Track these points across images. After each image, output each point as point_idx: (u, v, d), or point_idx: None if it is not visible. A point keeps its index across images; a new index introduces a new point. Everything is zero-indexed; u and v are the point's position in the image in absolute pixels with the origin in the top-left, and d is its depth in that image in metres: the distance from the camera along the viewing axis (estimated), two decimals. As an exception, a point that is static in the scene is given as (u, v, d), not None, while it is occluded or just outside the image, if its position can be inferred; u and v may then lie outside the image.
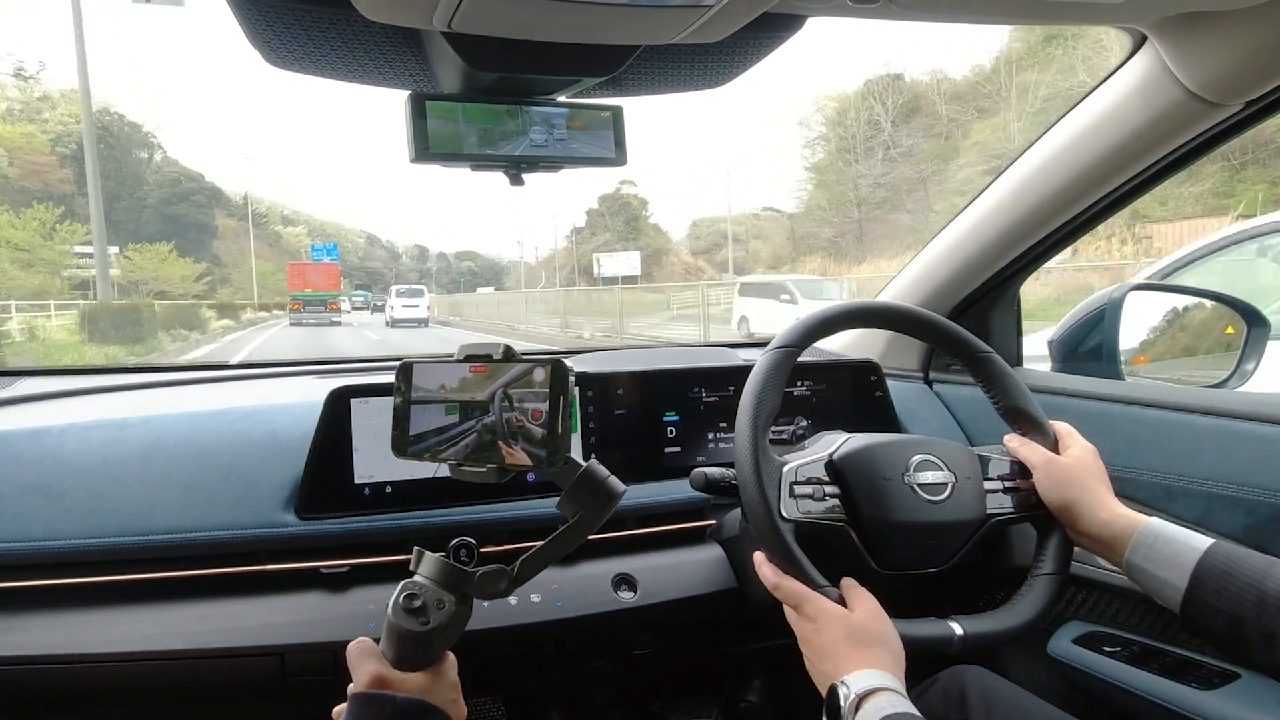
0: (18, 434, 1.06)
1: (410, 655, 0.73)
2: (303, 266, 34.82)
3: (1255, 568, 0.77)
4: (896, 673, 0.77)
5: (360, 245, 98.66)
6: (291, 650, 0.96)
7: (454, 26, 0.74)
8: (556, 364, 0.71)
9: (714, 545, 1.17)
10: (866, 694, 0.74)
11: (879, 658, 0.78)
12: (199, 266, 44.05)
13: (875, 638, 0.80)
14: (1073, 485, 0.90)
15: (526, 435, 0.71)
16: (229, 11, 0.76)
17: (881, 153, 29.93)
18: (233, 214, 64.50)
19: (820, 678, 0.81)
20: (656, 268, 45.86)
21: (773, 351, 0.93)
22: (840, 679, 0.76)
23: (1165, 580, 0.81)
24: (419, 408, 0.76)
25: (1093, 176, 1.18)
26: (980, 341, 1.01)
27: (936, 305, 1.45)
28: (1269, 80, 0.98)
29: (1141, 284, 1.33)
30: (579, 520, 0.76)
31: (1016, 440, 0.97)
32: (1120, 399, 1.21)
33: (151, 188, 57.44)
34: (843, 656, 0.78)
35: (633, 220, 49.96)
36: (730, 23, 0.77)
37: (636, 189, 53.11)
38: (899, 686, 0.75)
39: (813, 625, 0.82)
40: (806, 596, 0.83)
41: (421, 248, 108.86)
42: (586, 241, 51.13)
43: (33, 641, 0.92)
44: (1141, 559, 0.83)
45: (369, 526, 1.04)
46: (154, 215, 55.87)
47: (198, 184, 61.04)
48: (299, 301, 31.92)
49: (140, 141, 58.85)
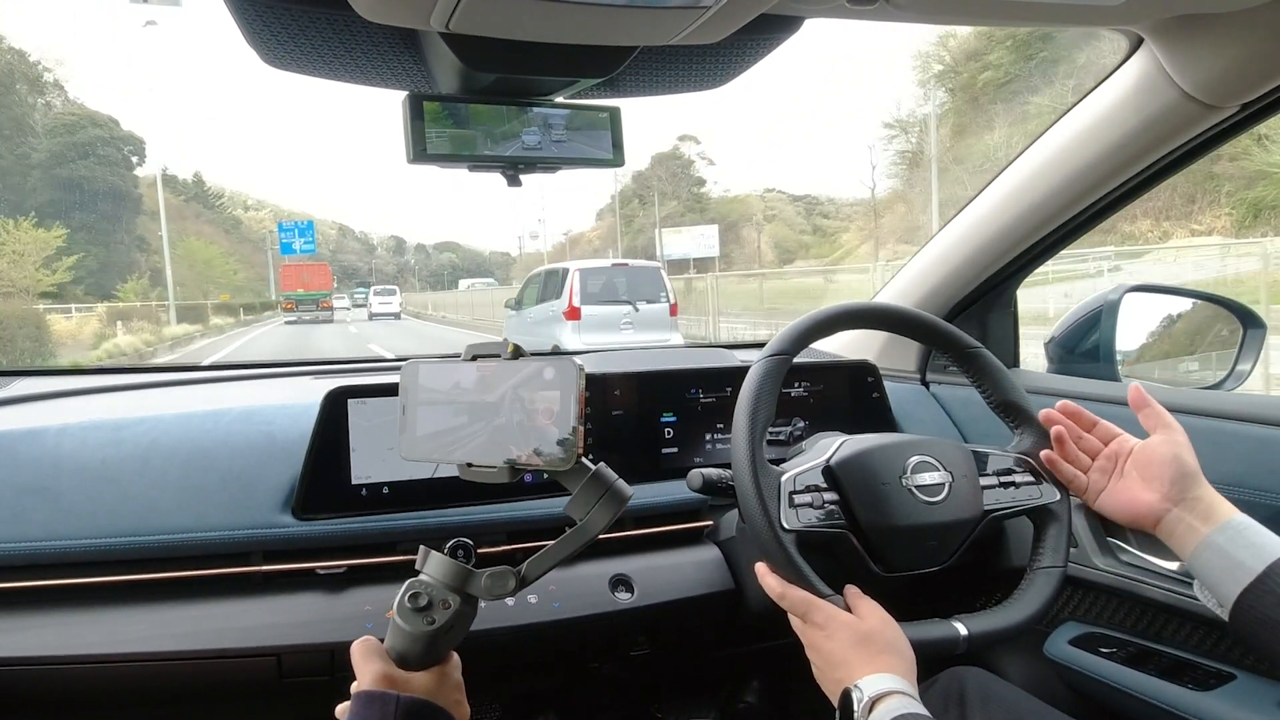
0: (14, 434, 1.06)
1: (415, 654, 0.73)
2: (295, 267, 36.30)
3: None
4: (908, 676, 0.78)
5: (332, 237, 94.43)
6: (288, 651, 0.95)
7: (452, 27, 0.74)
8: (567, 363, 0.70)
9: (711, 546, 1.17)
10: (879, 697, 0.74)
11: (891, 663, 0.78)
12: (59, 235, 27.90)
13: (886, 644, 0.80)
14: (1185, 449, 0.86)
15: (538, 435, 0.71)
16: (227, 12, 0.76)
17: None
18: (178, 192, 55.78)
19: (831, 684, 0.80)
20: (736, 247, 39.84)
21: (765, 360, 0.93)
22: (853, 684, 0.76)
23: (1241, 562, 0.78)
24: (426, 408, 0.76)
25: (1089, 179, 1.18)
26: (969, 337, 1.01)
27: (933, 307, 1.46)
28: (1265, 83, 0.98)
29: (1138, 285, 1.33)
30: (587, 522, 0.75)
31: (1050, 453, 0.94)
32: (1117, 400, 1.21)
33: (42, 139, 41.39)
34: (854, 663, 0.78)
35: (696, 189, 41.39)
36: (728, 24, 0.77)
37: (700, 146, 45.74)
38: (911, 690, 0.76)
39: (823, 633, 0.82)
40: (814, 604, 0.83)
41: (398, 239, 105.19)
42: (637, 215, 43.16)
43: (29, 642, 0.92)
44: (1225, 539, 0.81)
45: (366, 527, 1.04)
46: (43, 181, 39.79)
47: (107, 132, 42.84)
48: (292, 301, 33.64)
49: (28, 77, 42.22)
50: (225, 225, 65.34)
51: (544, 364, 0.71)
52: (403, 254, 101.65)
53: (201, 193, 62.96)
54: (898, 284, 1.53)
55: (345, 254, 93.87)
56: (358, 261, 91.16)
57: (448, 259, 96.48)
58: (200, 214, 57.03)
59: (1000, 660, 1.27)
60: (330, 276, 39.26)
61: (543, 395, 0.71)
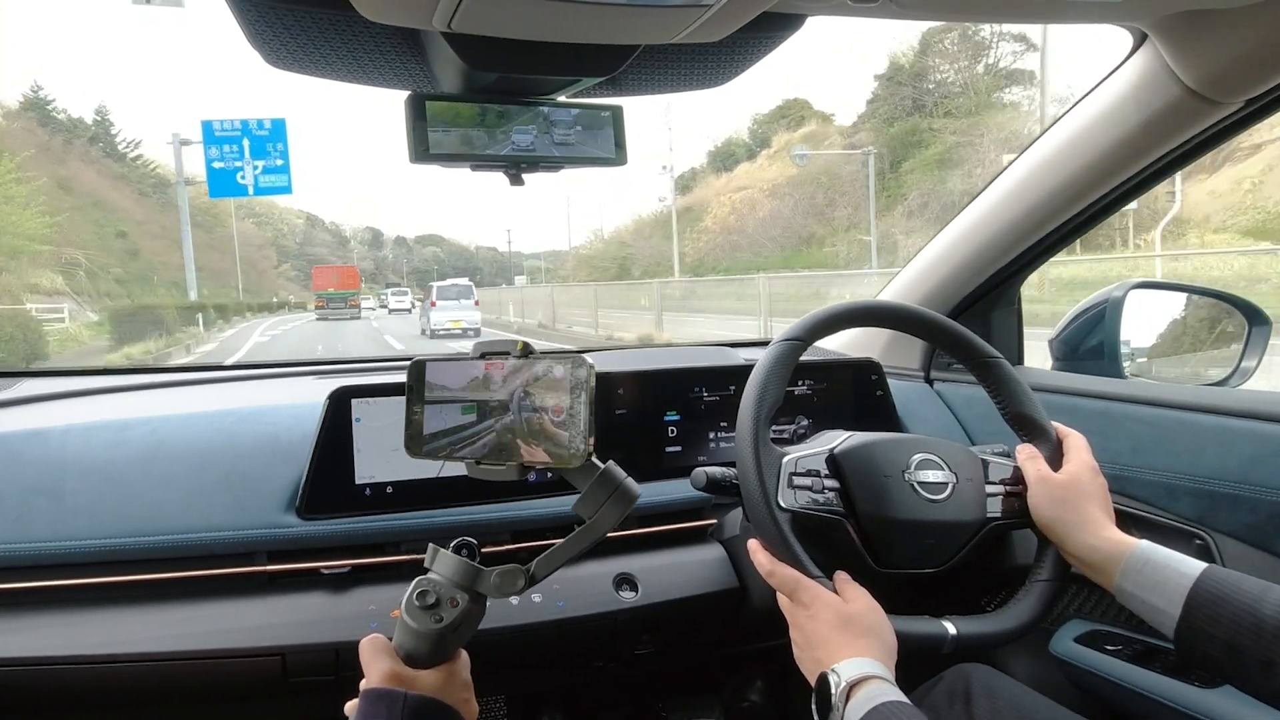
0: (19, 435, 1.06)
1: (423, 652, 0.73)
2: (325, 269, 40.95)
3: (1249, 594, 0.75)
4: (887, 662, 0.77)
5: (299, 228, 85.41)
6: (292, 651, 0.96)
7: (454, 27, 0.74)
8: (578, 361, 0.70)
9: (715, 545, 1.17)
10: (857, 682, 0.74)
11: (870, 647, 0.78)
12: None
13: (868, 628, 0.80)
14: (1060, 505, 0.88)
15: (548, 434, 0.71)
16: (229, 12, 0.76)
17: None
18: (57, 130, 39.17)
19: (810, 664, 0.80)
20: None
21: (780, 343, 0.93)
22: (830, 667, 0.76)
23: (1157, 606, 0.80)
24: (433, 407, 0.75)
25: (1093, 175, 1.18)
26: (988, 345, 1.00)
27: (937, 304, 1.45)
28: (1269, 78, 0.98)
29: (1142, 282, 1.33)
30: (595, 521, 0.75)
31: (1026, 452, 0.95)
32: (1121, 397, 1.20)
33: None
34: (834, 644, 0.78)
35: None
36: (730, 22, 0.77)
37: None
38: (889, 675, 0.75)
39: (806, 611, 0.82)
40: (802, 583, 0.83)
41: (374, 231, 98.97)
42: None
43: (34, 643, 0.92)
44: (1131, 585, 0.82)
45: (370, 527, 1.04)
46: None
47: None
48: (323, 299, 36.50)
49: None
50: (142, 186, 46.49)
51: (554, 362, 0.71)
52: (380, 247, 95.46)
53: (106, 135, 45.50)
54: (901, 281, 1.53)
55: (314, 246, 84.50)
56: (328, 255, 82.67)
57: (431, 253, 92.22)
58: (97, 160, 41.26)
59: (1005, 657, 1.27)
60: (359, 277, 42.95)
61: (553, 393, 0.70)
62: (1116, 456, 1.15)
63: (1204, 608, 0.77)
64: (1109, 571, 0.84)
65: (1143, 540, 0.84)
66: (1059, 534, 0.88)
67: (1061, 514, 0.88)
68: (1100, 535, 0.86)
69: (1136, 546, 0.83)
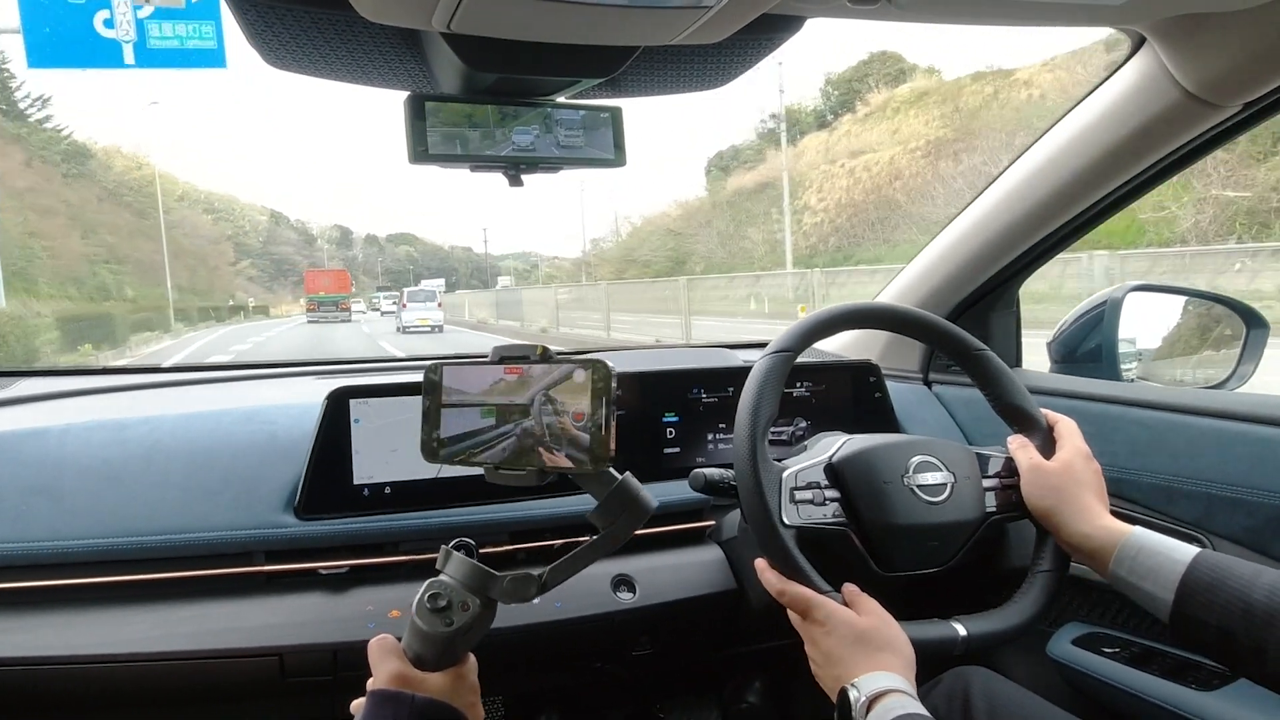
0: (18, 434, 1.06)
1: (432, 655, 0.73)
2: (316, 273, 43.21)
3: (1241, 578, 0.76)
4: (907, 675, 0.77)
5: (262, 225, 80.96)
6: (290, 651, 0.95)
7: (453, 27, 0.74)
8: (599, 365, 0.69)
9: (713, 546, 1.17)
10: (877, 696, 0.74)
11: (889, 661, 0.78)
12: None
13: (885, 642, 0.80)
14: (1054, 493, 0.89)
15: (569, 439, 0.70)
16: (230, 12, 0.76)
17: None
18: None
19: (829, 681, 0.80)
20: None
21: (769, 356, 0.93)
22: (850, 682, 0.76)
23: (1151, 593, 0.80)
24: (450, 410, 0.75)
25: (1091, 178, 1.18)
26: (975, 339, 1.01)
27: (935, 307, 1.45)
28: (1267, 82, 0.98)
29: (1141, 285, 1.33)
30: (611, 532, 0.75)
31: (1018, 442, 0.96)
32: (1120, 400, 1.21)
33: None
34: (853, 661, 0.78)
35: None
36: (729, 24, 0.77)
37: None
38: (909, 688, 0.75)
39: (821, 630, 0.82)
40: (814, 601, 0.83)
41: (343, 229, 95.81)
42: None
43: (32, 643, 0.92)
44: (1125, 571, 0.82)
45: (368, 527, 1.04)
46: None
47: None
48: (314, 303, 37.51)
49: None
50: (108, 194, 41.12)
51: (574, 366, 0.70)
52: (349, 246, 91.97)
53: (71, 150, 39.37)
54: (899, 283, 1.53)
55: (279, 244, 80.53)
56: (294, 254, 79.03)
57: (405, 253, 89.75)
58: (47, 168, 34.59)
59: (1004, 660, 1.27)
60: (349, 281, 44.72)
61: (574, 398, 0.70)
62: (1115, 459, 1.15)
63: (1197, 594, 0.77)
64: (1104, 559, 0.84)
65: (1136, 526, 0.84)
66: (1054, 522, 0.89)
67: (1055, 502, 0.88)
68: (1094, 523, 0.86)
69: (1130, 533, 0.83)
